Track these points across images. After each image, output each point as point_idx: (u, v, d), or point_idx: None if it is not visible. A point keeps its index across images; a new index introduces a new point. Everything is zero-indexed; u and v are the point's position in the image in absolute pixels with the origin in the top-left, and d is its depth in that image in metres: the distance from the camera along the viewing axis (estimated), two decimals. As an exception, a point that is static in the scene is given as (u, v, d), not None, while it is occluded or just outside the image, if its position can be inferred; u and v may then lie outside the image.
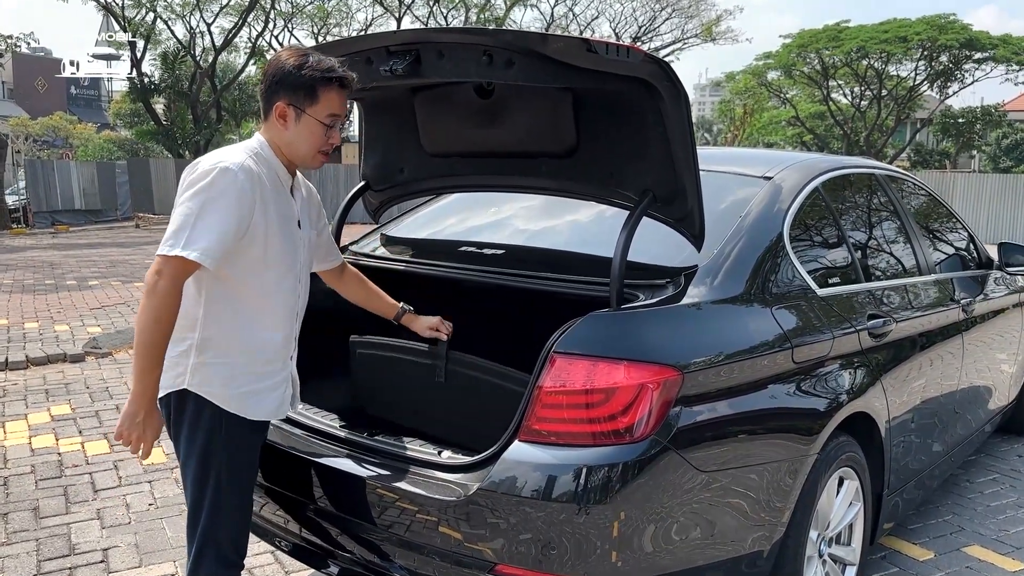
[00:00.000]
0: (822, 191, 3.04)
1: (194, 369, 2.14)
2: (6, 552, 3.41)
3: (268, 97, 2.17)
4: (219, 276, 2.10)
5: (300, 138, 2.17)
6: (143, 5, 30.08)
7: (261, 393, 2.23)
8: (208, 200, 2.01)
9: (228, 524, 2.24)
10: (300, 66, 2.12)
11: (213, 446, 2.17)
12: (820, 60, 36.67)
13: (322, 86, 2.14)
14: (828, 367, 2.63)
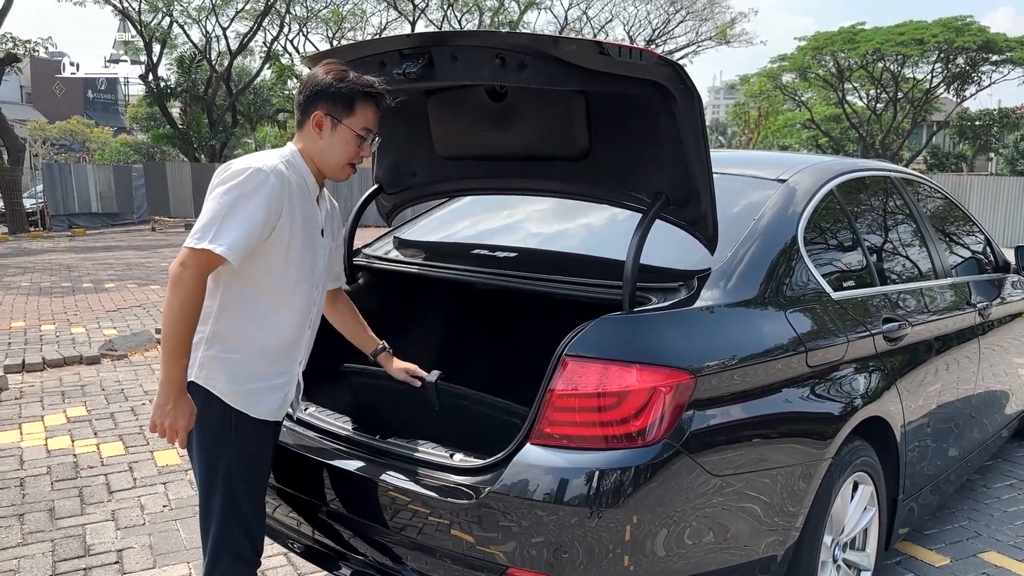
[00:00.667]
0: (837, 194, 3.02)
1: (202, 362, 2.19)
2: (22, 552, 3.43)
3: (306, 107, 2.24)
4: (239, 273, 2.16)
5: (334, 147, 2.25)
6: (159, 9, 30.32)
7: (263, 392, 2.26)
8: (238, 198, 2.07)
9: (242, 521, 2.26)
10: (341, 79, 2.21)
11: (222, 442, 2.21)
12: (835, 62, 36.50)
13: (360, 100, 2.22)
14: (843, 371, 2.61)
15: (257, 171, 2.10)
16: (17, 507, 3.89)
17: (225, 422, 2.20)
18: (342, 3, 36.05)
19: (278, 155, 2.22)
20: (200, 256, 2.03)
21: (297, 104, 2.28)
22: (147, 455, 4.58)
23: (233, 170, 2.12)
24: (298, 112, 2.29)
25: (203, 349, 2.19)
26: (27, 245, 18.61)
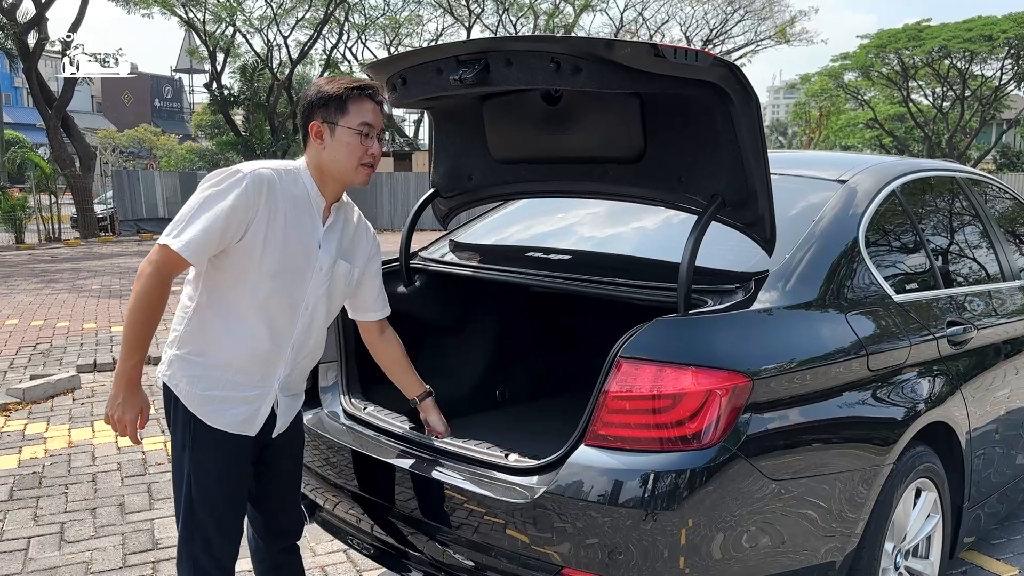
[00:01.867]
0: (899, 195, 2.96)
1: (170, 361, 2.19)
2: (95, 545, 3.56)
3: (304, 123, 2.22)
4: (214, 276, 2.15)
5: (338, 152, 2.19)
6: (223, 20, 31.13)
7: (225, 402, 2.18)
8: (209, 197, 2.08)
9: (202, 534, 2.22)
10: (330, 87, 2.20)
11: (185, 448, 2.19)
12: (900, 60, 35.64)
13: (351, 98, 2.18)
14: (905, 375, 2.56)
15: (234, 172, 2.10)
16: (90, 501, 4.04)
17: (187, 428, 2.18)
18: (399, 10, 36.51)
19: (277, 163, 2.21)
20: (161, 252, 2.04)
21: (299, 124, 2.27)
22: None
23: (221, 171, 2.13)
24: (301, 130, 2.26)
25: (174, 348, 2.19)
26: (98, 249, 19.25)
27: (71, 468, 4.50)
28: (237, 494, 2.29)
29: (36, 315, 9.46)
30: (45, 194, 22.00)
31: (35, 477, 4.36)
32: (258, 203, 2.08)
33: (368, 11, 35.79)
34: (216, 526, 2.23)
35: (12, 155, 23.75)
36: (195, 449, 2.19)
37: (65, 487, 4.23)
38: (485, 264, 3.10)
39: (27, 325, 8.82)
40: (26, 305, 10.22)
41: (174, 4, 30.07)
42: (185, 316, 2.18)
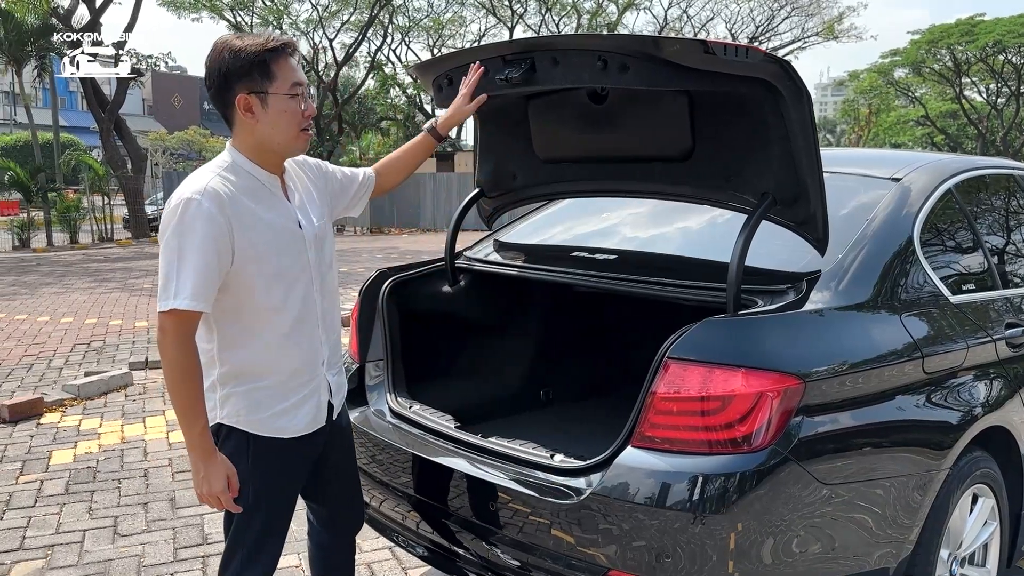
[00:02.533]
0: (955, 193, 2.89)
1: (222, 402, 2.09)
2: (147, 539, 3.64)
3: (223, 97, 2.00)
4: (224, 307, 2.02)
5: (276, 123, 2.01)
6: (270, 23, 31.58)
7: (290, 411, 2.14)
8: (181, 238, 1.91)
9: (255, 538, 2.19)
10: (239, 51, 1.96)
11: (243, 467, 2.10)
12: (952, 56, 34.84)
13: (273, 58, 1.98)
14: (961, 378, 2.50)
15: (188, 202, 1.92)
16: (142, 496, 4.12)
17: (254, 448, 2.11)
18: (442, 11, 36.70)
19: (212, 168, 2.03)
20: (170, 318, 1.91)
21: (213, 99, 2.04)
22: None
23: (170, 208, 1.95)
24: (218, 108, 2.04)
25: (219, 390, 2.08)
26: (148, 249, 19.66)
27: (124, 463, 4.60)
28: (293, 502, 2.27)
29: (90, 313, 9.69)
30: (98, 195, 22.57)
31: (90, 471, 4.47)
32: (228, 219, 1.95)
33: (412, 13, 36.06)
34: (269, 540, 2.21)
35: (67, 157, 24.36)
36: (256, 469, 2.12)
37: (118, 482, 4.32)
38: (530, 264, 3.09)
39: (82, 323, 9.04)
40: (80, 303, 10.48)
41: (223, 8, 30.62)
42: (213, 357, 2.07)
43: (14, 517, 3.87)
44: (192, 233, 1.90)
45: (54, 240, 20.88)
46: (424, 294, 3.15)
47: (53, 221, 21.19)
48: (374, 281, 3.03)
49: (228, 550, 2.21)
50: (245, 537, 2.18)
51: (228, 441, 2.10)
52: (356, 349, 2.98)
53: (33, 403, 5.54)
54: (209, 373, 2.06)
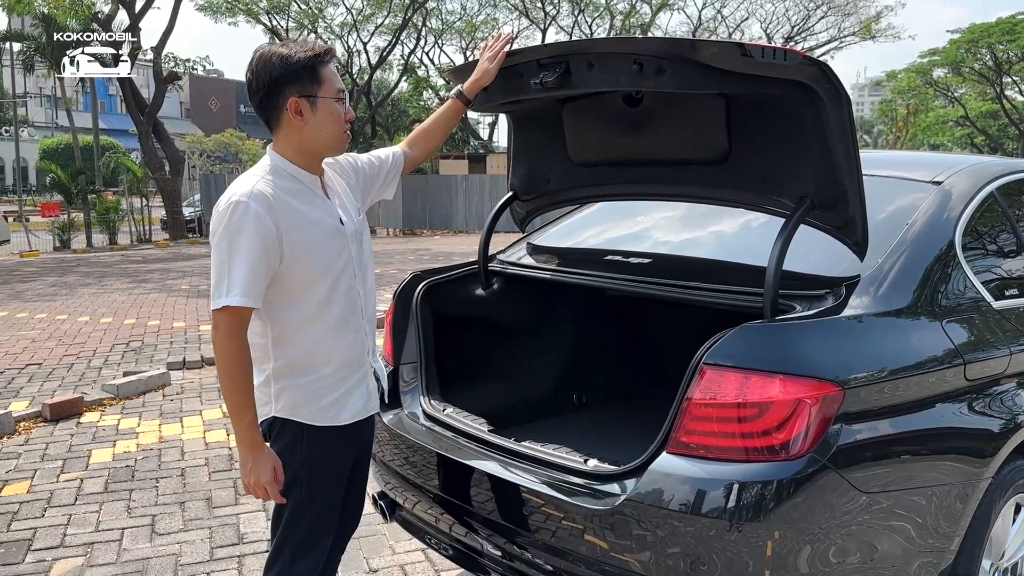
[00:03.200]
0: (998, 196, 2.83)
1: (277, 395, 2.16)
2: (184, 538, 3.69)
3: (272, 102, 2.09)
4: (275, 304, 2.10)
5: (323, 125, 2.12)
6: (305, 27, 31.91)
7: (343, 399, 2.22)
8: (231, 239, 2.00)
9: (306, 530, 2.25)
10: (289, 57, 2.07)
11: (297, 457, 2.18)
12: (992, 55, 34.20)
13: (321, 64, 2.10)
14: (1004, 385, 2.45)
15: (236, 204, 2.00)
16: (179, 495, 4.18)
17: (309, 437, 2.18)
18: (475, 14, 36.81)
19: (257, 172, 2.12)
20: (223, 315, 2.00)
21: (258, 104, 2.13)
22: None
23: (220, 211, 2.04)
24: (262, 113, 2.13)
25: (273, 384, 2.16)
26: (186, 250, 19.96)
27: (161, 462, 4.67)
28: (341, 495, 2.33)
29: (129, 314, 9.85)
30: (137, 197, 22.97)
31: (128, 470, 4.54)
32: (274, 218, 2.03)
33: (445, 16, 36.23)
34: (319, 532, 2.26)
35: (107, 160, 24.83)
36: (310, 457, 2.19)
37: (156, 480, 4.39)
38: (563, 267, 3.09)
39: (120, 323, 9.19)
40: (119, 304, 10.66)
41: (259, 12, 30.99)
42: (268, 352, 2.15)
43: (55, 515, 3.94)
44: (241, 234, 1.99)
45: (93, 241, 21.27)
46: (458, 297, 3.15)
47: (93, 222, 21.59)
48: (408, 284, 3.05)
49: (277, 547, 2.27)
50: (296, 532, 2.24)
51: (283, 433, 2.18)
52: (390, 351, 3.00)
53: (73, 402, 5.64)
54: (263, 368, 2.15)
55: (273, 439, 2.19)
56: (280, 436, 2.19)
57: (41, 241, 20.64)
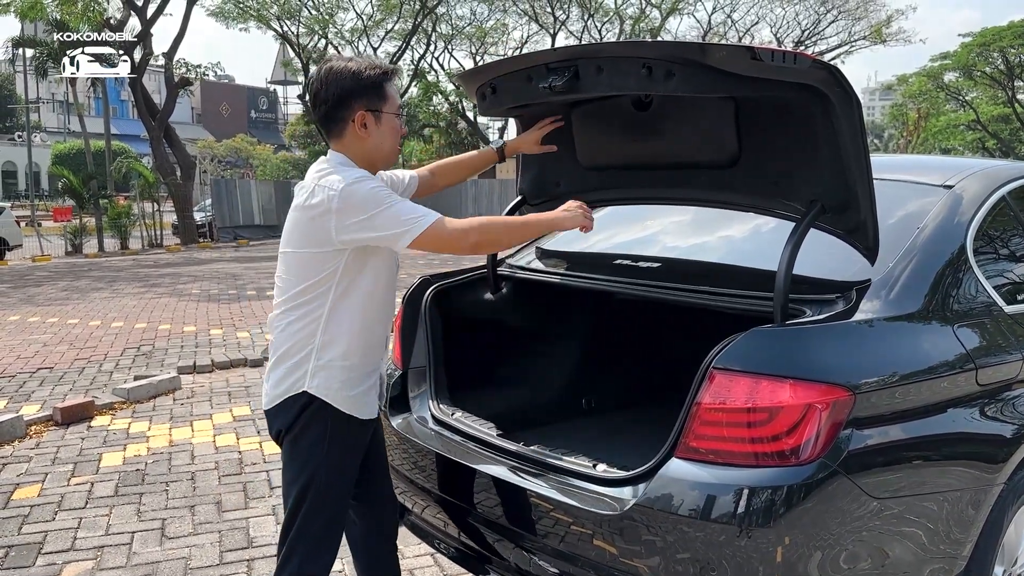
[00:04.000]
0: (1010, 200, 2.81)
1: (314, 372, 2.23)
2: (193, 542, 3.69)
3: (338, 114, 2.24)
4: (341, 282, 2.20)
5: (384, 138, 2.29)
6: (316, 33, 32.03)
7: (368, 393, 2.34)
8: (374, 200, 2.13)
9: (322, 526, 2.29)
10: (360, 73, 2.22)
11: (320, 448, 2.24)
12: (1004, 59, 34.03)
13: (386, 83, 2.26)
14: (1017, 390, 2.42)
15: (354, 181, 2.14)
16: (188, 499, 4.19)
17: (324, 429, 2.25)
18: (485, 19, 36.87)
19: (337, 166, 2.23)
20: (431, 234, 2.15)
21: (324, 113, 2.26)
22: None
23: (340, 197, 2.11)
24: (327, 122, 2.27)
25: (314, 359, 2.22)
26: (197, 255, 20.05)
27: (171, 466, 4.68)
28: (351, 490, 2.40)
29: (140, 318, 9.90)
30: (148, 202, 23.08)
31: (138, 474, 4.55)
32: None
33: (455, 21, 36.28)
34: (333, 528, 2.33)
35: (118, 165, 24.97)
36: (332, 450, 2.26)
37: (166, 484, 4.40)
38: (572, 271, 3.08)
39: (131, 327, 9.24)
40: (130, 308, 10.71)
41: (270, 18, 31.12)
42: (319, 327, 2.22)
43: (65, 518, 3.96)
44: (375, 192, 2.14)
45: (105, 246, 21.39)
46: (467, 301, 3.15)
47: (104, 227, 21.70)
48: (417, 288, 3.05)
49: (290, 545, 2.29)
50: (312, 526, 2.27)
51: (310, 411, 2.24)
52: (399, 356, 3.00)
53: (84, 406, 5.67)
54: (309, 342, 2.22)
55: (303, 424, 2.24)
56: (310, 425, 2.24)
57: (53, 246, 20.78)
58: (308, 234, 2.19)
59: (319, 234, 2.16)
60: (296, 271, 2.23)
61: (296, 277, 2.23)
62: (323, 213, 2.14)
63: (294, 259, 2.24)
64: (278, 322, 2.28)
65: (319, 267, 2.19)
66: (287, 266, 2.28)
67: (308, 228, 2.18)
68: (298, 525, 2.27)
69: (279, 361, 2.27)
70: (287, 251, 2.28)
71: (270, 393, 2.30)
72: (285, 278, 2.28)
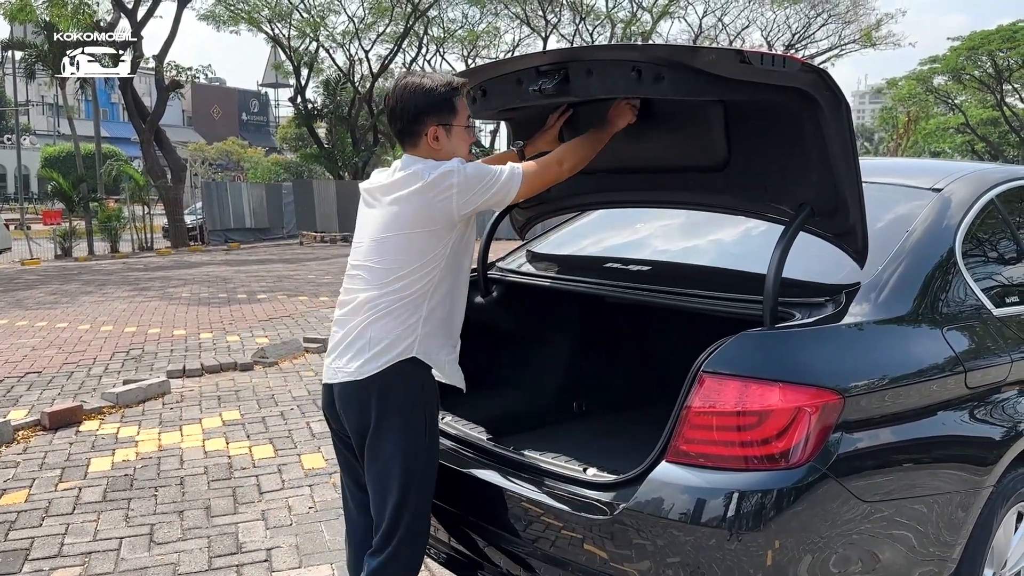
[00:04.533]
0: (998, 203, 2.82)
1: (421, 339, 2.35)
2: (182, 547, 3.67)
3: (414, 128, 2.37)
4: (442, 253, 2.34)
5: (455, 148, 2.39)
6: (307, 36, 31.96)
7: (455, 362, 2.50)
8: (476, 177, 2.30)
9: (428, 497, 2.41)
10: (432, 91, 2.35)
11: (427, 416, 2.38)
12: (993, 63, 34.23)
13: (456, 98, 2.39)
14: (1005, 393, 2.43)
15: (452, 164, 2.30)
16: (177, 504, 4.17)
17: (430, 397, 2.40)
18: (476, 23, 36.87)
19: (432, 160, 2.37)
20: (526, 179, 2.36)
21: (403, 121, 2.38)
22: (295, 458, 4.81)
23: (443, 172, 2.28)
24: (403, 135, 2.41)
25: (420, 328, 2.35)
26: (187, 258, 19.97)
27: (160, 471, 4.65)
28: None
29: (129, 322, 9.85)
30: (139, 205, 22.96)
31: (127, 479, 4.52)
32: None
33: (446, 24, 36.28)
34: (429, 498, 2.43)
35: (108, 168, 24.81)
36: (431, 422, 2.40)
37: (155, 489, 4.37)
38: (563, 275, 3.08)
39: (121, 331, 9.19)
40: (120, 312, 10.66)
41: (261, 21, 31.04)
42: (426, 296, 2.34)
43: (53, 524, 3.93)
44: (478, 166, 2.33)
45: (95, 249, 21.29)
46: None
47: (94, 230, 21.60)
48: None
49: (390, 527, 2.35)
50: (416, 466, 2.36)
51: (416, 371, 2.36)
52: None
53: (73, 411, 5.63)
54: (417, 310, 2.35)
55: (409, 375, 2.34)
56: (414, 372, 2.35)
57: (43, 249, 20.67)
58: (426, 216, 2.31)
59: (440, 214, 2.30)
60: (406, 251, 2.33)
61: (406, 256, 2.33)
62: (445, 195, 2.28)
63: (402, 241, 2.33)
64: (379, 301, 2.34)
65: (434, 244, 2.32)
66: (386, 250, 2.36)
67: (427, 210, 2.30)
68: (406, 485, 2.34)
69: (382, 334, 2.33)
70: (387, 235, 2.36)
71: (370, 363, 2.33)
72: (382, 261, 2.36)
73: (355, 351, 2.36)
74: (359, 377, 2.33)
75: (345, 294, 2.46)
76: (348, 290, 2.45)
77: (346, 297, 2.45)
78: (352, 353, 2.36)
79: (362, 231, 2.47)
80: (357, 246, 2.47)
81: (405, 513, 2.35)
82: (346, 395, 2.37)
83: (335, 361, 2.41)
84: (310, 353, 7.82)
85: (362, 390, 2.34)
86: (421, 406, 2.38)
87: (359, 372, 2.33)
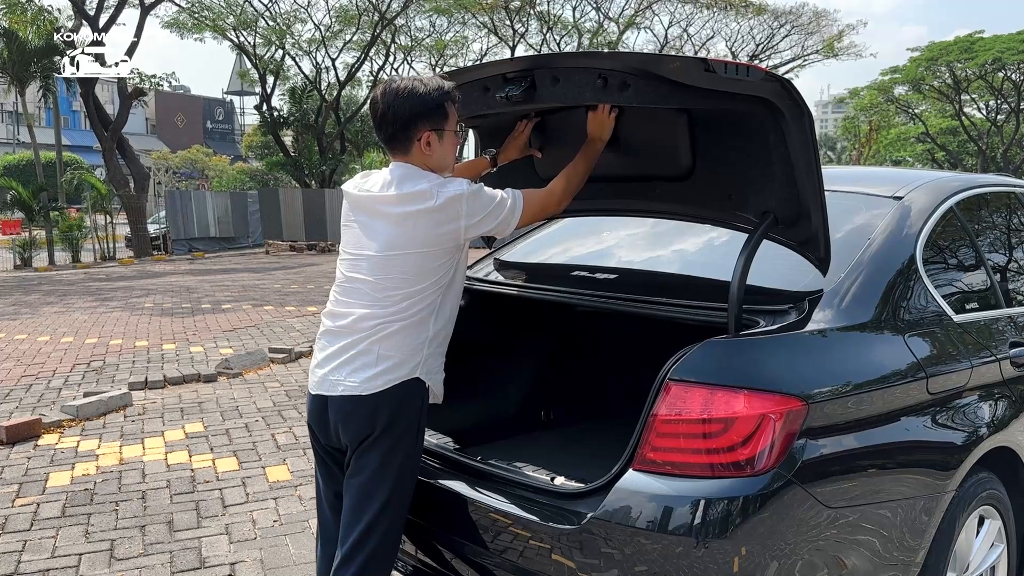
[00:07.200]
0: (957, 211, 2.87)
1: (425, 360, 2.36)
2: (143, 563, 3.59)
3: (405, 131, 2.33)
4: (443, 275, 2.34)
5: (445, 154, 2.39)
6: (273, 43, 31.74)
7: (441, 380, 2.48)
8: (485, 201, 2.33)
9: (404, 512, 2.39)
10: (425, 96, 2.31)
11: (419, 434, 2.38)
12: (951, 73, 35.01)
13: (447, 102, 2.35)
14: (966, 398, 2.47)
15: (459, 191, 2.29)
16: (139, 519, 4.08)
17: (419, 421, 2.38)
18: (444, 31, 36.88)
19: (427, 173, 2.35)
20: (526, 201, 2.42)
21: (394, 126, 2.33)
22: (259, 471, 4.74)
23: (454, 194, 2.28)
24: (392, 142, 2.36)
25: (425, 349, 2.35)
26: (151, 268, 19.68)
27: (121, 485, 4.56)
28: None
29: (91, 333, 9.67)
30: (101, 214, 22.58)
31: (87, 494, 4.43)
32: None
33: (414, 33, 36.23)
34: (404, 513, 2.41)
35: (69, 176, 24.41)
36: (420, 440, 2.40)
37: (116, 504, 4.28)
38: (530, 283, 3.07)
39: (82, 343, 9.02)
40: (81, 323, 10.46)
41: (226, 28, 30.78)
42: (429, 316, 2.34)
43: (9, 541, 3.83)
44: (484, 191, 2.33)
45: (56, 259, 20.89)
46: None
47: (55, 240, 21.19)
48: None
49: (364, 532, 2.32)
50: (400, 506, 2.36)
51: (418, 391, 2.37)
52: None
53: (31, 424, 5.50)
54: (422, 331, 2.35)
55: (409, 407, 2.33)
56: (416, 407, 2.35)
57: (1, 260, 20.25)
58: (433, 238, 2.29)
59: (447, 237, 2.30)
60: (411, 270, 2.30)
61: (412, 275, 2.30)
62: (453, 220, 2.28)
63: (409, 260, 2.30)
64: (386, 319, 2.31)
65: (438, 265, 2.32)
66: (392, 267, 2.31)
67: (434, 232, 2.28)
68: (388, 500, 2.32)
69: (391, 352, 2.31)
70: (393, 253, 2.31)
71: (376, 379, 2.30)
72: (386, 278, 2.32)
73: (358, 366, 2.31)
74: (363, 392, 2.29)
75: (338, 306, 2.40)
76: (342, 302, 2.39)
77: (340, 309, 2.38)
78: (354, 367, 2.31)
79: (359, 243, 2.38)
80: (354, 258, 2.39)
81: (381, 526, 2.32)
82: (346, 408, 2.32)
83: (331, 373, 2.35)
84: (275, 364, 7.73)
85: (365, 404, 2.30)
86: (416, 425, 2.36)
87: (364, 387, 2.29)
